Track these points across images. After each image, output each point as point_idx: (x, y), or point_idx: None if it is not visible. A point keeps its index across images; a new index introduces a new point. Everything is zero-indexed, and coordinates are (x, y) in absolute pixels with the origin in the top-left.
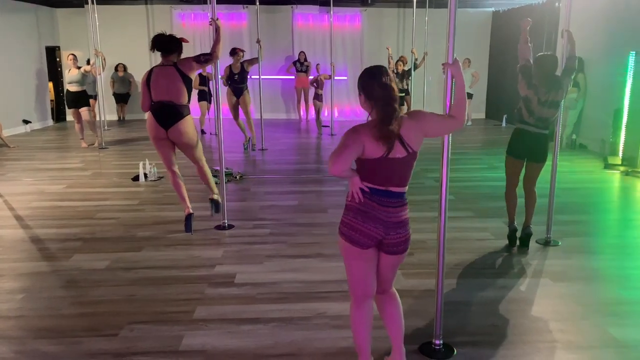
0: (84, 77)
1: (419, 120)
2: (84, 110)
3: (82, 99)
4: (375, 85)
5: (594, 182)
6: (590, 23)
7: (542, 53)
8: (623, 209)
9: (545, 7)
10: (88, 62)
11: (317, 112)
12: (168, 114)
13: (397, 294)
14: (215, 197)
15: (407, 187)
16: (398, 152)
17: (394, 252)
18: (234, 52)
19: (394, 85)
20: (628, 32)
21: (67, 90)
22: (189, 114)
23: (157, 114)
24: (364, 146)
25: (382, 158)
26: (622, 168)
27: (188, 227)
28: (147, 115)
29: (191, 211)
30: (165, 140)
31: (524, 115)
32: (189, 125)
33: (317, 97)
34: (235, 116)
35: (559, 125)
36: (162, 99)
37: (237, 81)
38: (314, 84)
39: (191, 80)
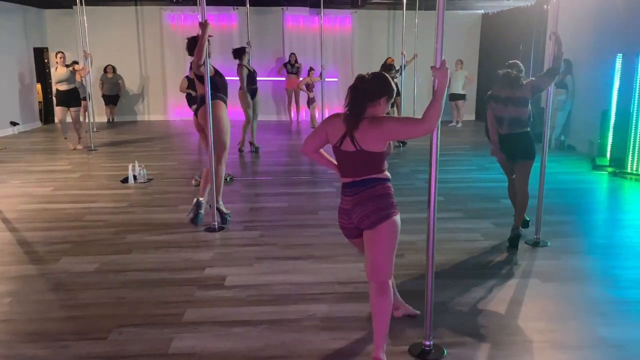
0: (73, 75)
1: (377, 127)
2: (73, 110)
3: (73, 98)
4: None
5: (582, 182)
6: (578, 26)
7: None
8: (611, 210)
9: (534, 10)
10: (73, 63)
11: (313, 115)
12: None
13: (390, 289)
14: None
15: (376, 174)
16: (347, 146)
17: (365, 227)
18: (244, 51)
19: (369, 85)
20: (615, 35)
21: (57, 90)
22: (215, 100)
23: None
24: (327, 132)
25: (336, 147)
26: (610, 169)
27: (195, 216)
28: None
29: (201, 199)
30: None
31: (499, 130)
32: (214, 107)
33: (311, 100)
34: (249, 120)
35: (547, 126)
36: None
37: (254, 81)
38: (304, 87)
39: (195, 80)
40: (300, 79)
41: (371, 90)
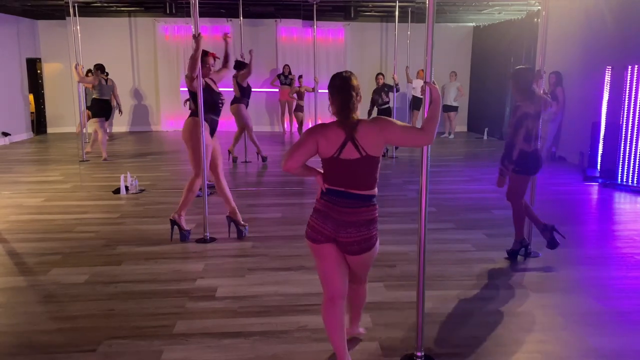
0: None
1: (380, 127)
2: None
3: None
4: (334, 80)
5: (573, 193)
6: (568, 38)
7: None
8: (602, 220)
9: (524, 23)
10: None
11: (300, 124)
12: None
13: (365, 291)
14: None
15: (371, 191)
16: (350, 153)
17: (348, 252)
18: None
19: (354, 81)
20: (604, 47)
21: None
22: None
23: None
24: (318, 145)
25: (333, 158)
26: (600, 180)
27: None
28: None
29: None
30: None
31: (527, 148)
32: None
33: (299, 108)
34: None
35: (538, 137)
36: None
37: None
38: (294, 95)
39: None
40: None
41: (356, 86)
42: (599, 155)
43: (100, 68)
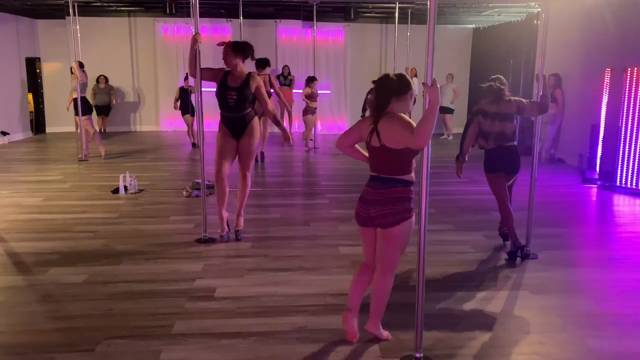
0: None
1: (389, 123)
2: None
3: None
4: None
5: (572, 195)
6: (567, 40)
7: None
8: (600, 222)
9: (524, 25)
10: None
11: (309, 128)
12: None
13: (386, 283)
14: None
15: (396, 176)
16: (374, 141)
17: (379, 226)
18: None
19: (391, 81)
20: (604, 49)
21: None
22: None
23: None
24: (361, 129)
25: (366, 143)
26: (599, 182)
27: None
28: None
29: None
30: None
31: (485, 145)
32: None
33: (310, 110)
34: None
35: (537, 139)
36: None
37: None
38: (305, 97)
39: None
40: (297, 90)
41: (392, 86)
42: (598, 157)
43: (82, 65)
